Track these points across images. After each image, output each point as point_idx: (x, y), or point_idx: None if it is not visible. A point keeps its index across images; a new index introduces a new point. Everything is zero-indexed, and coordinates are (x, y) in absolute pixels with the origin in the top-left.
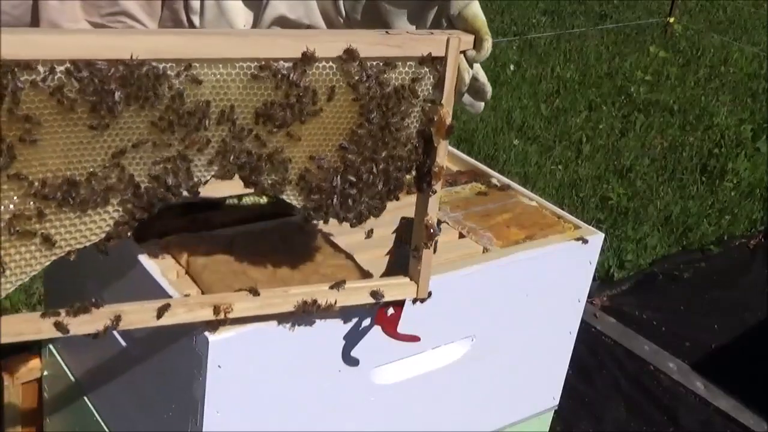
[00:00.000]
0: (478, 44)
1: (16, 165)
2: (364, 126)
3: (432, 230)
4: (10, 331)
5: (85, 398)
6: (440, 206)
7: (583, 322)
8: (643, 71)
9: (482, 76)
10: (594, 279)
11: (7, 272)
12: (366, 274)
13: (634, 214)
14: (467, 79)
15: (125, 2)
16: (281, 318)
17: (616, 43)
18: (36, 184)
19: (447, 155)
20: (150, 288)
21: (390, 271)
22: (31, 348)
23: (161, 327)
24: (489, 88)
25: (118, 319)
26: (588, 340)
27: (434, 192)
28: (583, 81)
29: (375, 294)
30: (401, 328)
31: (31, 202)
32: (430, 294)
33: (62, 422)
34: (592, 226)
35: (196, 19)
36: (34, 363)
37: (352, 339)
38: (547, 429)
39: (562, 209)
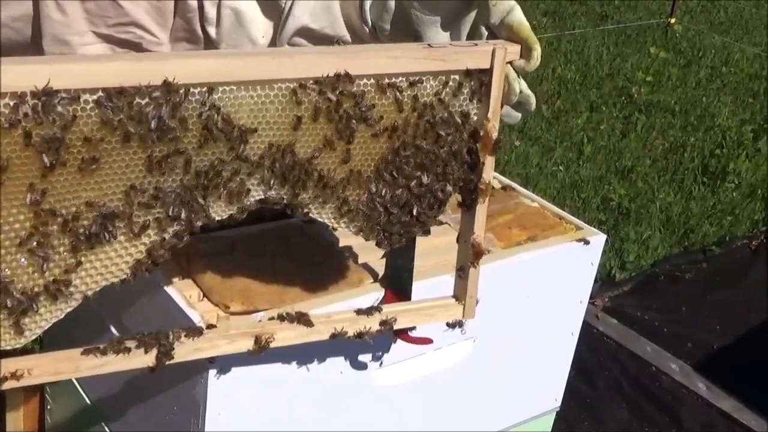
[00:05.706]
0: (526, 53)
1: (48, 199)
2: (407, 144)
3: (479, 249)
4: (48, 370)
5: (87, 399)
6: None
7: (584, 323)
8: (644, 72)
9: (525, 87)
10: (595, 280)
11: (42, 309)
12: (365, 276)
13: (636, 215)
14: (518, 89)
15: (134, 12)
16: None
17: (617, 43)
18: (69, 217)
19: None
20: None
21: (389, 282)
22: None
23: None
24: (533, 100)
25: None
26: (590, 342)
27: (479, 209)
28: (584, 82)
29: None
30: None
31: (65, 237)
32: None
33: (64, 423)
34: (594, 227)
35: (211, 30)
36: None
37: (354, 341)
38: (549, 430)
39: (564, 210)
